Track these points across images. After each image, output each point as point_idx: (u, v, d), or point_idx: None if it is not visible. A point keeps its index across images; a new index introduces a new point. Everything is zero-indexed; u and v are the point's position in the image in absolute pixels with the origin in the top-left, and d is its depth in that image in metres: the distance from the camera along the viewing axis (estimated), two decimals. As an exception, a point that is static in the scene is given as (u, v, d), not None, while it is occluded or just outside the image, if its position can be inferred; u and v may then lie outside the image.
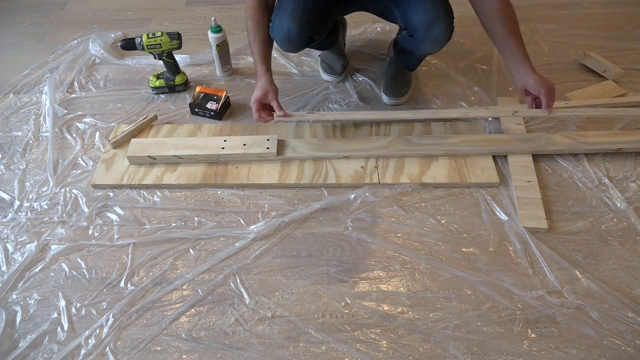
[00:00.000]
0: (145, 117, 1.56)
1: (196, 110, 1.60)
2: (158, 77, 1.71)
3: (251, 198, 1.36)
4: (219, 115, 1.58)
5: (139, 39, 1.57)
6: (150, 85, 1.70)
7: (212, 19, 1.66)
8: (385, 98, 1.61)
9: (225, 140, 1.45)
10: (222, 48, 1.70)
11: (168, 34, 1.58)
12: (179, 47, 1.61)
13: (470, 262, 1.20)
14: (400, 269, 1.20)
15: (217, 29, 1.65)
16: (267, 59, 1.37)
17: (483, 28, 1.32)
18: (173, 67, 1.67)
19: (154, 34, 1.57)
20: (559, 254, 1.20)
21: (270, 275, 1.20)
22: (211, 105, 1.57)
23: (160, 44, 1.58)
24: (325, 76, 1.72)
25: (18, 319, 1.13)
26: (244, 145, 1.43)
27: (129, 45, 1.58)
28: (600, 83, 1.65)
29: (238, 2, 2.23)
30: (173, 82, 1.69)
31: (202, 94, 1.60)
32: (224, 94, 1.60)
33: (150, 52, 1.60)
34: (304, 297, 1.15)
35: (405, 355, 1.05)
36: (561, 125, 1.53)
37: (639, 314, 1.09)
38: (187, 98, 1.69)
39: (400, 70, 1.61)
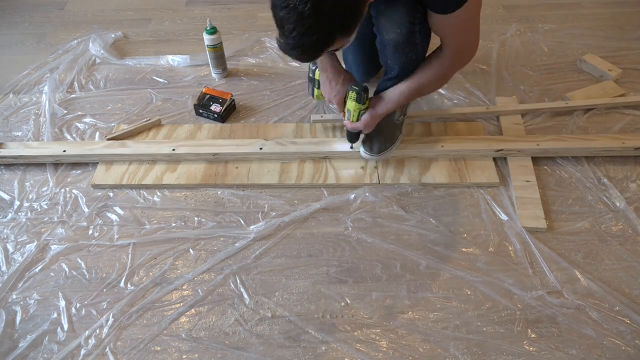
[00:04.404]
0: (148, 120, 1.56)
1: (200, 111, 1.60)
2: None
3: (251, 198, 1.36)
4: (222, 118, 1.58)
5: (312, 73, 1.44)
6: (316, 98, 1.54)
7: (207, 20, 1.66)
8: (362, 150, 1.39)
9: None
10: (216, 50, 1.70)
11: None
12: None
13: (470, 262, 1.20)
14: (400, 269, 1.20)
15: (212, 31, 1.65)
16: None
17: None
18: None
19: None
20: (558, 254, 1.20)
21: (270, 275, 1.20)
22: (215, 107, 1.57)
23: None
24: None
25: (18, 319, 1.13)
26: None
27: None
28: (601, 83, 1.66)
29: (238, 2, 2.23)
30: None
31: (208, 96, 1.61)
32: (229, 97, 1.59)
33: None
34: (304, 297, 1.15)
35: (405, 355, 1.05)
36: (561, 126, 1.53)
37: (639, 313, 1.09)
38: (188, 99, 1.69)
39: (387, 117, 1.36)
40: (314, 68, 1.43)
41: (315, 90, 1.47)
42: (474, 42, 1.20)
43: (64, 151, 1.44)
